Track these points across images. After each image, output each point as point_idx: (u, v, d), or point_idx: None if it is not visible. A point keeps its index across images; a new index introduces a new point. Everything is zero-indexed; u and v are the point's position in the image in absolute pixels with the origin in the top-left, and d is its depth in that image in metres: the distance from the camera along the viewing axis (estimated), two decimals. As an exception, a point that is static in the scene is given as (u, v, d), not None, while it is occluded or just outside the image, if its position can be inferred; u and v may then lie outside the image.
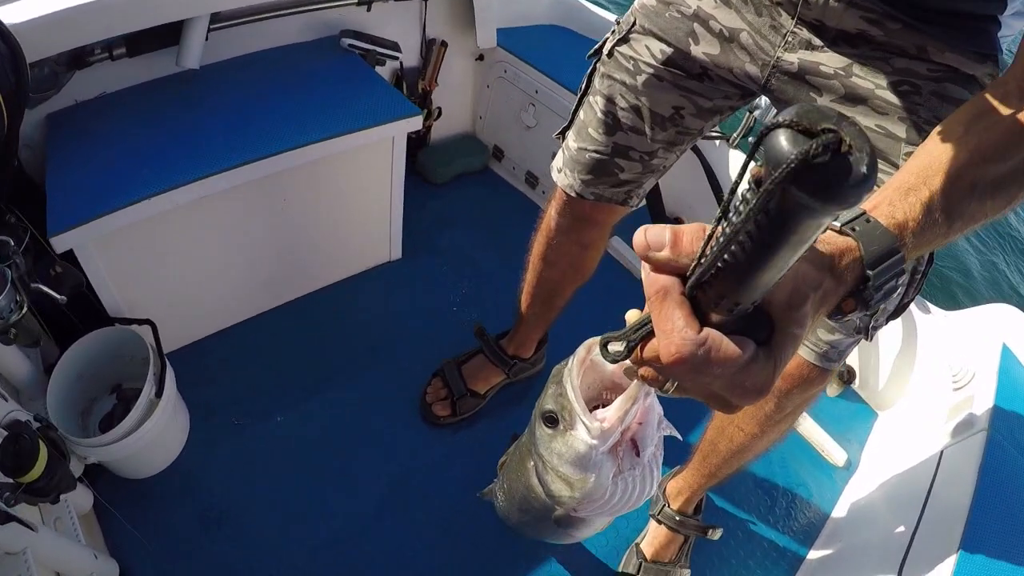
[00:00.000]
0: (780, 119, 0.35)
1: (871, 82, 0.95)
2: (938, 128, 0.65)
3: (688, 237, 0.47)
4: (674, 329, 0.45)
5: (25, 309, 1.14)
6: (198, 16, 1.53)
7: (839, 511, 1.80)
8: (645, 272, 0.49)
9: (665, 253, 0.47)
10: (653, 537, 1.60)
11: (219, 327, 1.84)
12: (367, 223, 1.98)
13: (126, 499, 1.50)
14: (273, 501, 1.59)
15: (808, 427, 1.93)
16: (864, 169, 0.34)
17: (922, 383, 1.91)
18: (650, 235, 0.48)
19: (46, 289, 1.24)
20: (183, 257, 1.62)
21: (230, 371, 1.78)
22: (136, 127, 1.52)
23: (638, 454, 0.72)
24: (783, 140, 0.34)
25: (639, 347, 0.51)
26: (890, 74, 0.94)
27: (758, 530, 1.73)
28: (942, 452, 1.59)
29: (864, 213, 0.57)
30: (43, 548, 1.15)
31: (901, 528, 1.49)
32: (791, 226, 0.37)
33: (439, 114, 2.24)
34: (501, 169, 2.51)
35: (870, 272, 0.54)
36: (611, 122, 1.20)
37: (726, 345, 0.45)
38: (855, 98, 0.97)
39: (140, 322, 1.52)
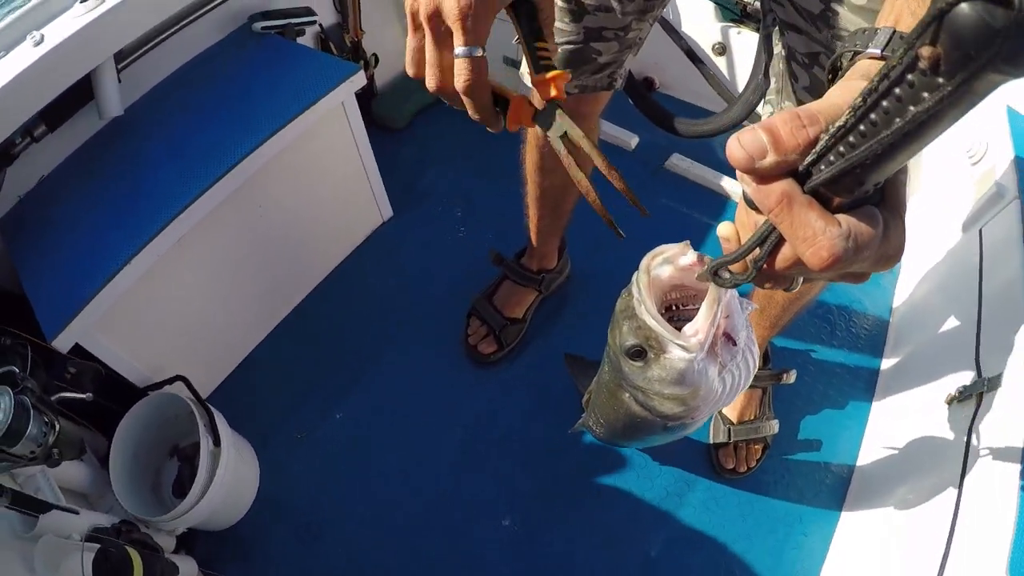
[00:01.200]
0: None
1: None
2: None
3: (786, 129, 0.42)
4: (816, 233, 0.41)
5: (58, 427, 1.09)
6: (102, 63, 1.40)
7: (897, 316, 1.80)
8: (750, 185, 0.44)
9: (771, 158, 0.42)
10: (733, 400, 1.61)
11: (245, 352, 1.80)
12: (349, 194, 1.89)
13: (226, 550, 1.52)
14: (360, 495, 1.60)
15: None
16: None
17: (937, 165, 1.86)
18: (746, 143, 0.42)
19: (69, 394, 1.19)
20: (185, 302, 1.56)
21: (272, 390, 1.76)
22: (88, 198, 1.42)
23: (734, 343, 0.71)
24: (977, 13, 0.29)
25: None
26: None
27: (827, 358, 1.75)
28: (981, 230, 1.56)
29: (895, 32, 0.52)
30: (172, 633, 1.16)
31: (965, 314, 1.50)
32: (975, 99, 0.33)
33: (376, 61, 2.09)
34: (455, 92, 2.36)
35: None
36: (575, 8, 1.11)
37: (865, 228, 0.42)
38: None
39: (171, 381, 1.48)
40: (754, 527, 1.52)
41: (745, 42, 2.05)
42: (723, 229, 0.53)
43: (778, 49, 1.10)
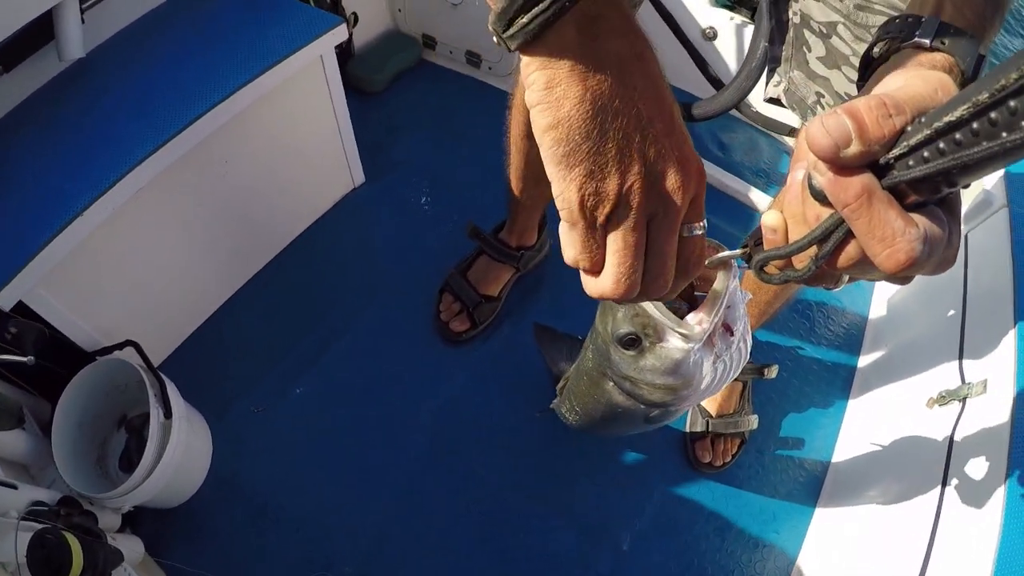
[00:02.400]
0: None
1: None
2: None
3: (872, 117, 0.38)
4: (895, 234, 0.39)
5: (-8, 394, 0.99)
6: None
7: (876, 313, 1.80)
8: (825, 175, 0.41)
9: (855, 148, 0.39)
10: (713, 393, 1.58)
11: (202, 319, 1.69)
12: (321, 155, 1.79)
13: (174, 530, 1.43)
14: (323, 475, 1.52)
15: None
16: None
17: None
18: (831, 128, 0.39)
19: (9, 357, 1.08)
20: (140, 262, 1.44)
21: (229, 360, 1.65)
22: (42, 145, 1.29)
23: (731, 333, 0.70)
24: None
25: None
26: None
27: (806, 354, 1.73)
28: (966, 236, 1.55)
29: (940, 22, 0.51)
30: (116, 619, 1.07)
31: (947, 318, 1.49)
32: None
33: (355, 20, 1.98)
34: (437, 57, 2.28)
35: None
36: None
37: (937, 231, 0.40)
38: None
39: (121, 346, 1.37)
40: (727, 523, 1.49)
41: (737, 28, 2.00)
42: (770, 219, 0.48)
43: (789, 15, 1.05)
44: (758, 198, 1.96)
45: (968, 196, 1.60)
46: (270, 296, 1.76)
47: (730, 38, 2.03)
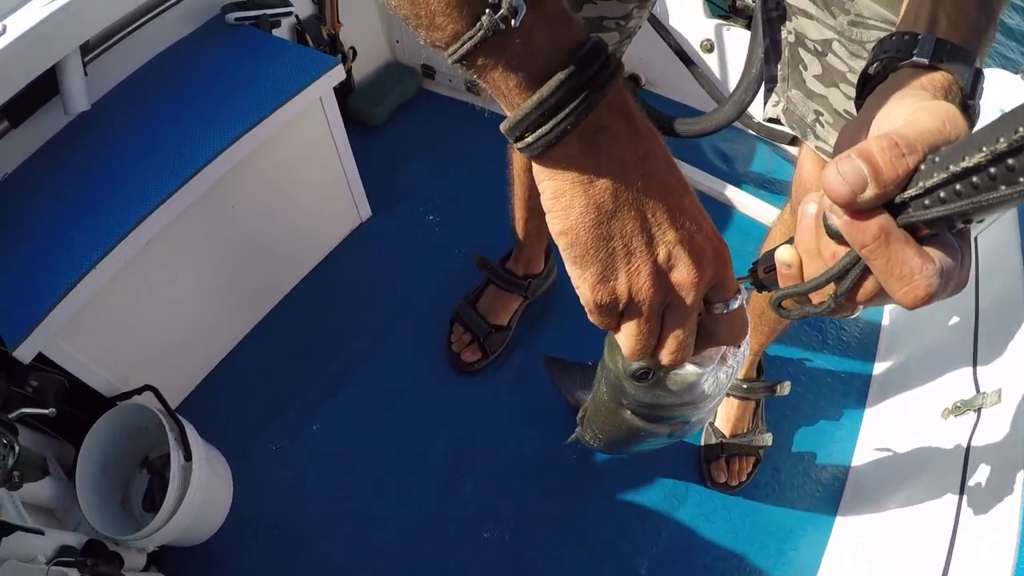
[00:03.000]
0: None
1: None
2: None
3: (885, 158, 0.39)
4: (914, 271, 0.40)
5: (18, 448, 1.02)
6: (67, 55, 1.31)
7: (888, 320, 1.78)
8: (841, 218, 0.41)
9: (871, 191, 0.39)
10: (726, 413, 1.58)
11: (218, 359, 1.72)
12: (326, 193, 1.82)
13: (198, 567, 1.45)
14: (342, 509, 1.53)
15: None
16: None
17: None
18: (848, 175, 0.39)
19: (31, 410, 1.12)
20: (155, 308, 1.48)
21: (246, 399, 1.68)
22: (52, 198, 1.33)
23: (738, 344, 0.70)
24: None
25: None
26: None
27: (819, 366, 1.72)
28: (976, 238, 1.53)
29: (937, 39, 0.51)
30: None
31: (960, 324, 1.47)
32: None
33: (354, 54, 2.02)
34: (437, 87, 2.31)
35: (970, 102, 0.50)
36: None
37: (951, 262, 0.40)
38: None
39: (139, 391, 1.40)
40: (745, 543, 1.48)
41: (734, 39, 2.01)
42: (784, 254, 0.49)
43: (784, 34, 1.04)
44: (760, 208, 1.95)
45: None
46: (284, 334, 1.78)
47: (728, 49, 2.04)
